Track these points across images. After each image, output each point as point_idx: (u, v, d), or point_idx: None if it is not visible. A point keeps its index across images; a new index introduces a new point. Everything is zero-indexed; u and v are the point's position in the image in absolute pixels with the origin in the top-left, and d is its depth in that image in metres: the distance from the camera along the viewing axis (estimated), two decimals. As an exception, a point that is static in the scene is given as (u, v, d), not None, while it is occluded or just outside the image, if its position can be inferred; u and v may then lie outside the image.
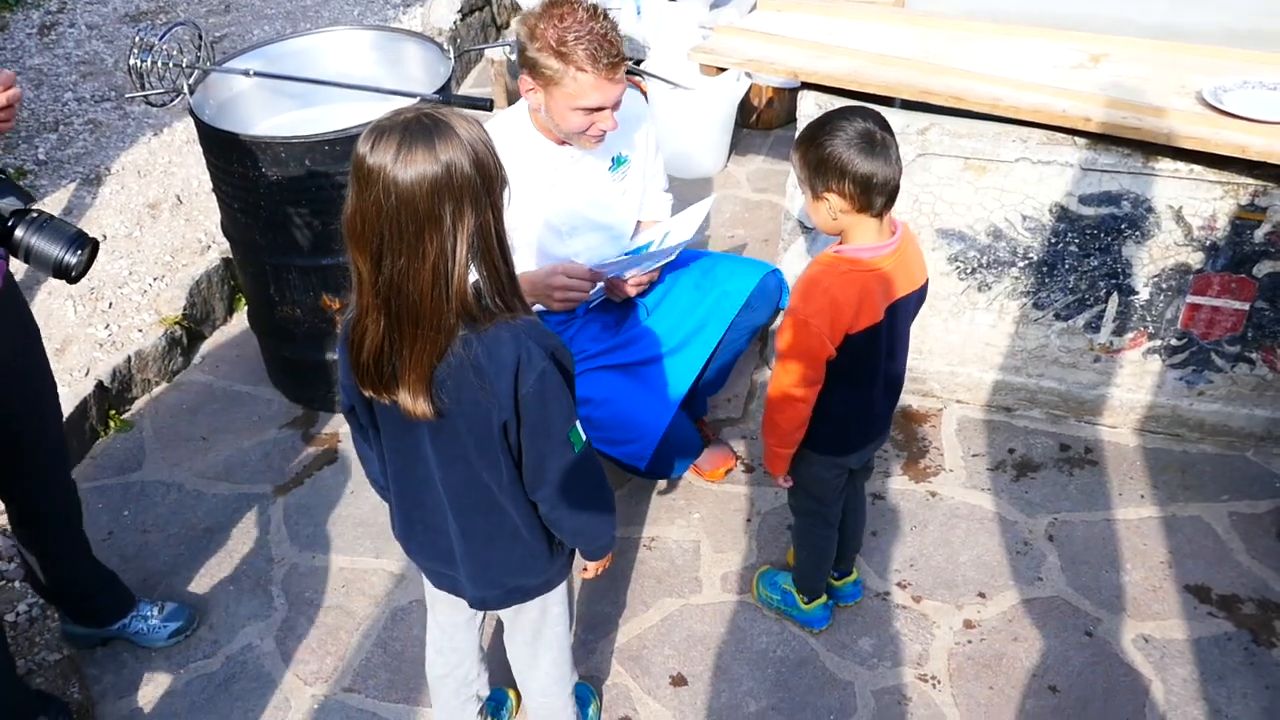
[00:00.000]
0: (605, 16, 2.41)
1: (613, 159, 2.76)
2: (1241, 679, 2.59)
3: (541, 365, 1.68)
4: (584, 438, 1.81)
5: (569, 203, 2.72)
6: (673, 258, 2.75)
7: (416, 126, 1.54)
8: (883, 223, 2.12)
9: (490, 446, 1.76)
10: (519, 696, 2.59)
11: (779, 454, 2.38)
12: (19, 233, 1.95)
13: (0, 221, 1.94)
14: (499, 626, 2.43)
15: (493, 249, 1.62)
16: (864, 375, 2.28)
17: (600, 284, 2.75)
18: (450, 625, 2.24)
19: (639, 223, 2.98)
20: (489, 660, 2.43)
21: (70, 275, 2.00)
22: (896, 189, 2.07)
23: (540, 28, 2.38)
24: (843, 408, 2.30)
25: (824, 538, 2.62)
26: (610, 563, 2.10)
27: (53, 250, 1.98)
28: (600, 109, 2.48)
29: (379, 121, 1.58)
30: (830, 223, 2.13)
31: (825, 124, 2.07)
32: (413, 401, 1.67)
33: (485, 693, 2.40)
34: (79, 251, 2.03)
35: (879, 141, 2.03)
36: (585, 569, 2.10)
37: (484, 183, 1.57)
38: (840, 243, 2.17)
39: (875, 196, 2.05)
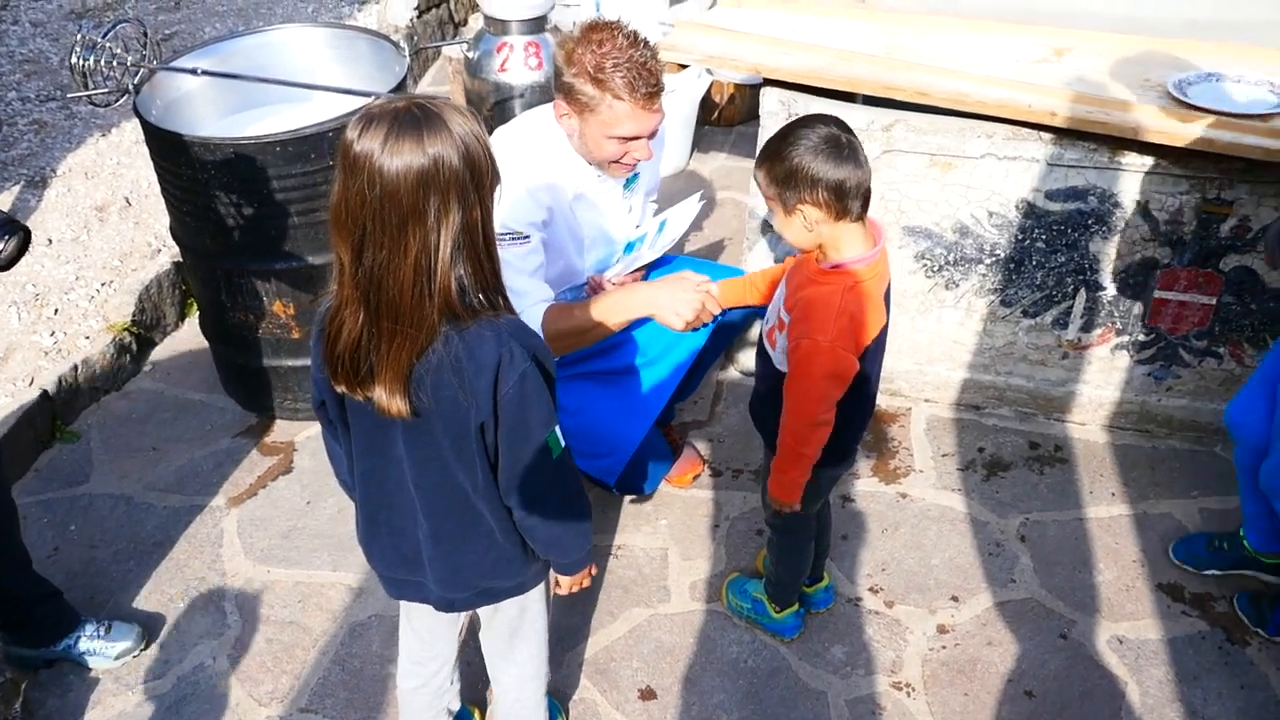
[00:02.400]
0: (646, 44, 2.34)
1: (628, 177, 2.69)
2: (1217, 679, 2.56)
3: (524, 366, 1.63)
4: (563, 444, 1.77)
5: (589, 216, 2.64)
6: (660, 254, 2.67)
7: (407, 116, 1.49)
8: (865, 226, 2.06)
9: (466, 447, 1.70)
10: (483, 716, 2.53)
11: (800, 483, 2.28)
12: None
13: None
14: (471, 637, 2.36)
15: (478, 245, 1.58)
16: (872, 376, 2.22)
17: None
18: (429, 632, 2.17)
19: None
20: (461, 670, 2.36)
21: None
22: (870, 191, 2.01)
23: (578, 53, 2.30)
24: (852, 413, 2.23)
25: (806, 551, 2.56)
26: (588, 580, 2.03)
27: None
28: (636, 138, 2.40)
29: (369, 107, 1.54)
30: (806, 236, 2.04)
31: (786, 137, 2.00)
32: (389, 399, 1.62)
33: (456, 707, 2.34)
34: (7, 238, 1.95)
35: (845, 145, 1.97)
36: (559, 584, 2.03)
37: (473, 178, 1.53)
38: (820, 254, 2.09)
39: (851, 201, 1.98)
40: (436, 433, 1.69)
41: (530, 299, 2.42)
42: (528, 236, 2.41)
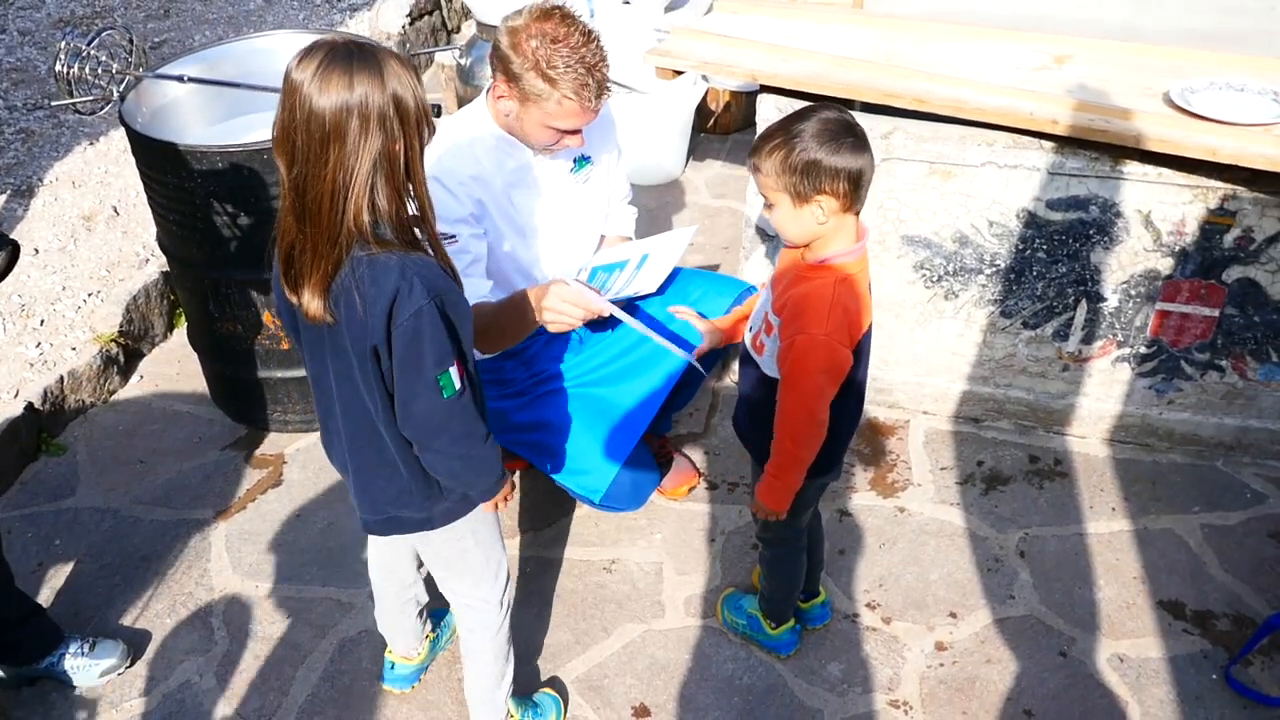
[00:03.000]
0: (597, 43, 2.33)
1: (575, 160, 2.65)
2: (1218, 699, 2.52)
3: (421, 303, 1.73)
4: (457, 386, 1.83)
5: (529, 202, 2.60)
6: (651, 291, 2.61)
7: (343, 49, 1.65)
8: (857, 220, 2.03)
9: (365, 368, 1.81)
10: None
11: (793, 488, 2.22)
12: None
13: None
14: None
15: (398, 177, 1.70)
16: (859, 381, 2.17)
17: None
18: (376, 543, 2.36)
19: (603, 236, 2.86)
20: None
21: None
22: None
23: (530, 45, 2.26)
24: (838, 421, 2.18)
25: (799, 564, 2.52)
26: (508, 499, 2.13)
27: None
28: (574, 132, 2.42)
29: (315, 40, 1.69)
30: (815, 229, 1.98)
31: (798, 125, 1.93)
32: (310, 301, 1.74)
33: (425, 599, 2.50)
34: None
35: (860, 134, 1.93)
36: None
37: (398, 112, 1.66)
38: (807, 249, 2.06)
39: (864, 192, 1.96)
40: (347, 348, 1.81)
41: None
42: (454, 236, 2.41)
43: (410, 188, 1.74)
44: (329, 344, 1.84)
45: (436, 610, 2.63)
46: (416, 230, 1.78)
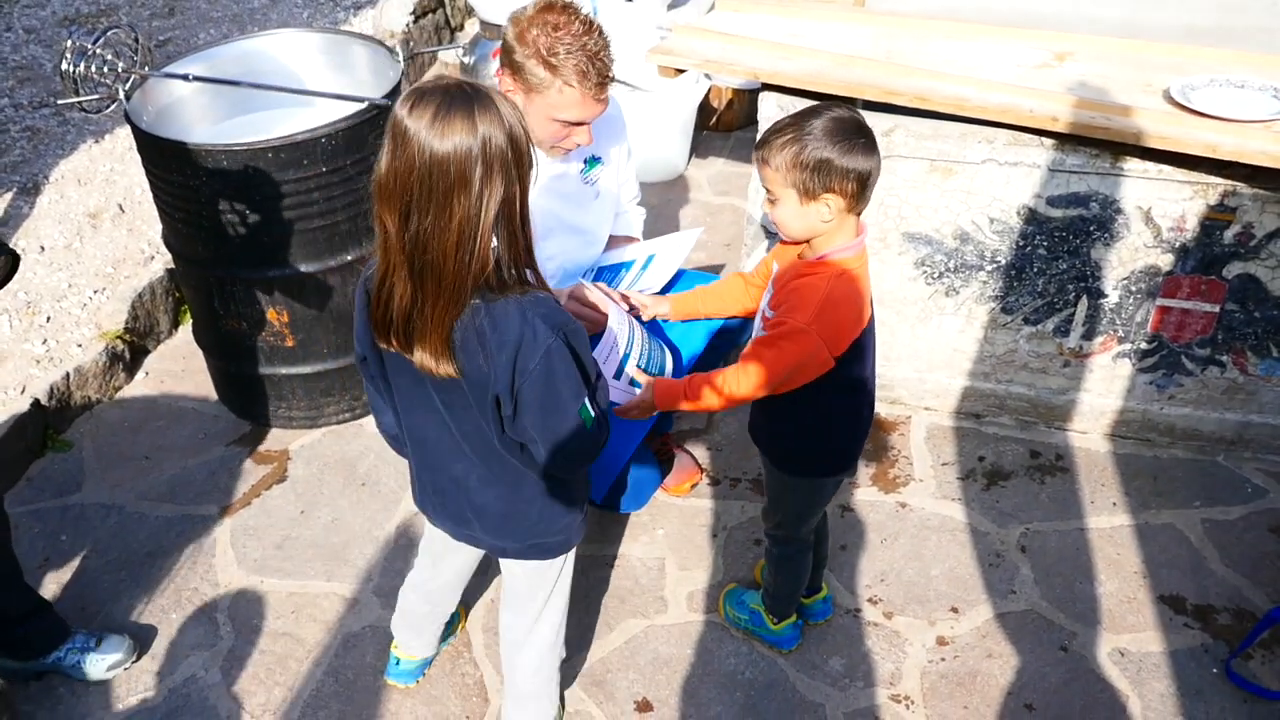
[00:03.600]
0: (600, 32, 2.33)
1: (585, 160, 2.66)
2: (1219, 693, 2.53)
3: (548, 342, 1.71)
4: (594, 414, 1.84)
5: (540, 202, 2.61)
6: (656, 289, 2.62)
7: (457, 92, 1.59)
8: (858, 219, 2.04)
9: (487, 415, 1.81)
10: (466, 614, 2.74)
11: (676, 409, 2.28)
12: None
13: None
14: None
15: (515, 221, 1.67)
16: (866, 379, 2.18)
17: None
18: (446, 565, 2.36)
19: (611, 237, 2.87)
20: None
21: None
22: None
23: (532, 34, 2.28)
24: (850, 419, 2.20)
25: (805, 563, 2.53)
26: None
27: None
28: (579, 124, 2.41)
29: (419, 84, 1.63)
30: (818, 226, 1.99)
31: (811, 122, 1.93)
32: (434, 361, 1.72)
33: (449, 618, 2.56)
34: None
35: (870, 135, 1.94)
36: None
37: (515, 156, 1.62)
38: (806, 247, 2.07)
39: (870, 192, 1.97)
40: (465, 390, 1.79)
41: None
42: None
43: (522, 226, 1.69)
44: (443, 396, 1.82)
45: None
46: (529, 270, 1.74)
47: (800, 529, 2.44)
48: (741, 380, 2.10)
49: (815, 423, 2.22)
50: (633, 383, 2.30)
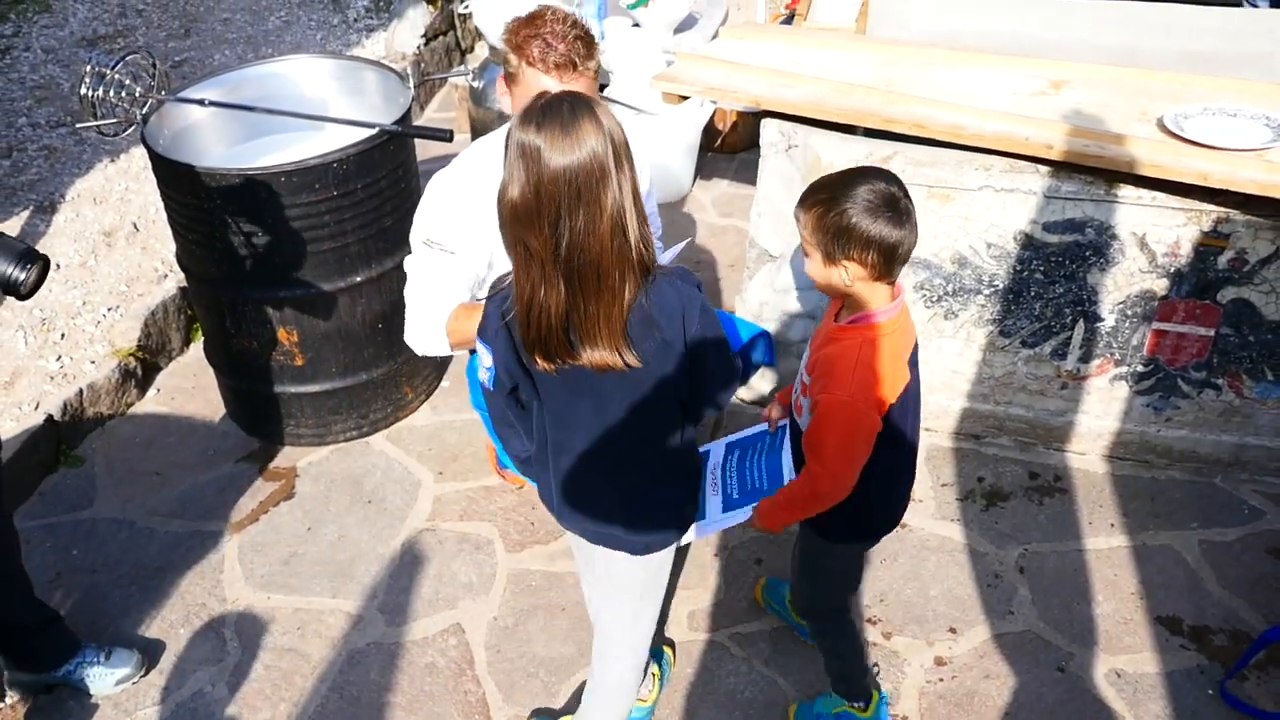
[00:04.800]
0: (574, 25, 2.37)
1: None
2: (1214, 714, 2.55)
3: (699, 300, 1.87)
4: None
5: None
6: None
7: (567, 102, 1.69)
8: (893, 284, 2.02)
9: (668, 391, 1.89)
10: (674, 652, 2.73)
11: (790, 522, 2.19)
12: None
13: None
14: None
15: (640, 202, 1.75)
16: (909, 441, 2.14)
17: None
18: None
19: None
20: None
21: (20, 292, 1.99)
22: (910, 253, 1.97)
23: (513, 28, 2.36)
24: (892, 483, 2.17)
25: (854, 630, 2.45)
26: None
27: (1, 267, 1.97)
28: None
29: (530, 106, 1.71)
30: (841, 288, 1.99)
31: (844, 187, 1.92)
32: (614, 354, 1.78)
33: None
34: (28, 267, 2.01)
35: (904, 209, 1.90)
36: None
37: (625, 142, 1.72)
38: (842, 309, 2.07)
39: (897, 265, 1.94)
40: (643, 380, 1.86)
41: (442, 301, 2.47)
42: (454, 252, 2.46)
43: (642, 212, 1.77)
44: (612, 389, 1.87)
45: (653, 649, 2.50)
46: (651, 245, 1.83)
47: (841, 598, 2.40)
48: (831, 476, 2.05)
49: (860, 484, 2.10)
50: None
